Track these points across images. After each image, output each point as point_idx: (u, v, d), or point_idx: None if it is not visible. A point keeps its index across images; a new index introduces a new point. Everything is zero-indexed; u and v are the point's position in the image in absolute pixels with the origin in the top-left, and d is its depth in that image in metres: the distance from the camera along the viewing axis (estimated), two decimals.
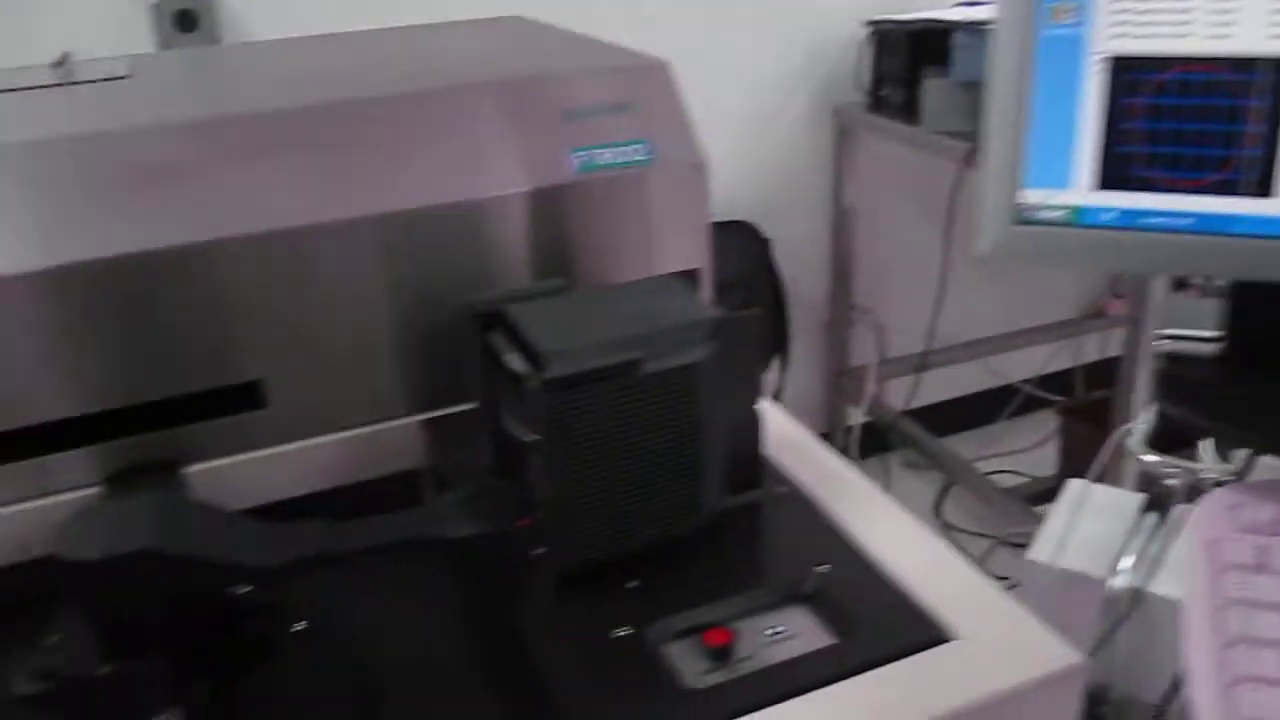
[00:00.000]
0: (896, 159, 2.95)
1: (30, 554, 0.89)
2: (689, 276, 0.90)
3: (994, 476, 3.06)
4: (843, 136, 2.94)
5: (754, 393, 0.84)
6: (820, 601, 0.77)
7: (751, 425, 0.85)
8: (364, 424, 1.02)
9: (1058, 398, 3.41)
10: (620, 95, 1.07)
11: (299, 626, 0.85)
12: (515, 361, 0.78)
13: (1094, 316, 3.55)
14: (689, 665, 0.72)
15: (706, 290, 0.95)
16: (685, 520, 0.81)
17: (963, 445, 3.31)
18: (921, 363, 2.99)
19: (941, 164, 2.40)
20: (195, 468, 0.94)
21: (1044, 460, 3.24)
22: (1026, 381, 3.49)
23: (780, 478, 0.90)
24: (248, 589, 0.77)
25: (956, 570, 0.79)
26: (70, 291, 0.87)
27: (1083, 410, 3.05)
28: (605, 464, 0.75)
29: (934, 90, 2.41)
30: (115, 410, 0.91)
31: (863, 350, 3.23)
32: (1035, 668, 0.70)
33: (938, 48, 2.42)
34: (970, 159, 2.26)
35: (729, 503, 0.84)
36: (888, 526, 0.85)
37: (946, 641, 0.72)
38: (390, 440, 1.03)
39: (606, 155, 1.04)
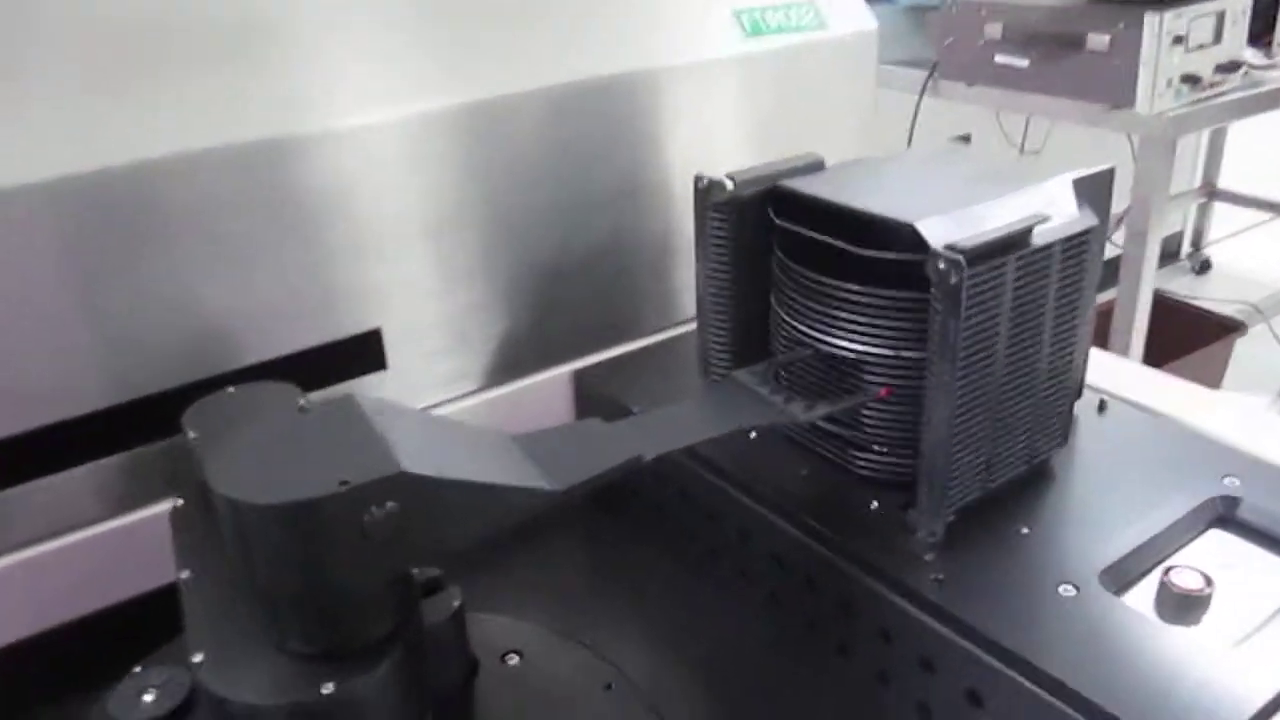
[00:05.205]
0: None
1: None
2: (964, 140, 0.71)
3: None
4: None
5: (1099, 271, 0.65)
6: (1249, 521, 0.60)
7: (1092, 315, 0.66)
8: (501, 383, 0.79)
9: None
10: None
11: (512, 661, 0.62)
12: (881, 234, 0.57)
13: None
14: (1160, 614, 0.53)
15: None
16: (1053, 440, 0.62)
17: None
18: None
19: (900, 97, 2.29)
20: None
21: None
22: None
23: None
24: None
25: None
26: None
27: None
28: (991, 368, 0.55)
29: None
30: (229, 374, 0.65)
31: None
32: None
33: None
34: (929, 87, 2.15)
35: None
36: (1242, 419, 0.69)
37: None
38: (542, 397, 0.79)
39: (775, 18, 0.83)
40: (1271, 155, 3.87)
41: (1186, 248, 3.90)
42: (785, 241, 0.63)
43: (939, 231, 0.53)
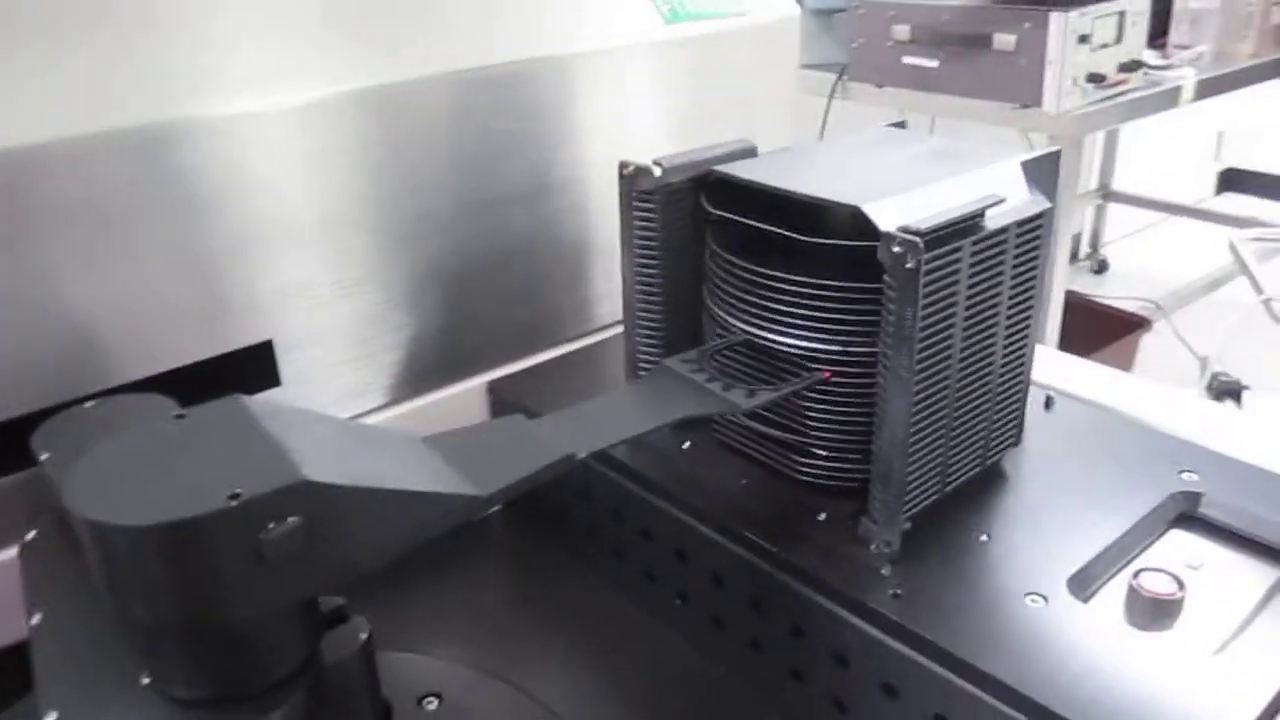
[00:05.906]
0: None
1: None
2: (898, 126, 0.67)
3: None
4: None
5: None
6: (1211, 518, 0.57)
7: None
8: (410, 397, 0.72)
9: None
10: None
11: (431, 705, 0.55)
12: (835, 218, 0.52)
13: None
14: (1131, 621, 0.50)
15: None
16: (1007, 438, 0.59)
17: None
18: None
19: (808, 100, 2.27)
20: None
21: None
22: None
23: None
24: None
25: None
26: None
27: None
28: (948, 360, 0.51)
29: None
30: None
31: None
32: None
33: None
34: (838, 90, 2.14)
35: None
36: (1189, 409, 0.66)
37: None
38: (455, 411, 0.73)
39: (694, 3, 0.79)
40: (1157, 158, 3.99)
41: (1085, 248, 3.99)
42: (719, 232, 0.58)
43: (888, 215, 0.49)
